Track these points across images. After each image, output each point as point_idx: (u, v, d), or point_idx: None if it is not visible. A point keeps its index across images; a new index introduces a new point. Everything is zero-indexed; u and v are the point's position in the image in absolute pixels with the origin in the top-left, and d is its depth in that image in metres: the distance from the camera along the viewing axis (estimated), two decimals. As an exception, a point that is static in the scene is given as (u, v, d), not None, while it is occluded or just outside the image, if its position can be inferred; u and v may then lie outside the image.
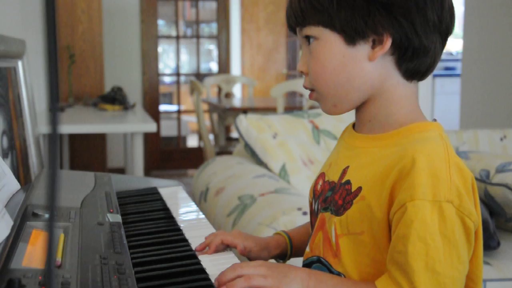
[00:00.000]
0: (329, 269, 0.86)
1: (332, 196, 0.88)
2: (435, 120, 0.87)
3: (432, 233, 0.74)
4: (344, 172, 0.88)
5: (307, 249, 0.93)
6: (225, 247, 0.99)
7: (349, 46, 0.83)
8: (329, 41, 0.83)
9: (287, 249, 1.02)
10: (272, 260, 1.04)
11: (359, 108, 0.89)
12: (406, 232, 0.75)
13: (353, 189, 0.84)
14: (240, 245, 0.98)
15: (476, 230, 0.79)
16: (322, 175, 0.95)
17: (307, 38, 0.86)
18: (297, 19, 0.86)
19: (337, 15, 0.81)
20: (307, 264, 0.91)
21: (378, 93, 0.85)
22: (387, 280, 0.77)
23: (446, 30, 0.84)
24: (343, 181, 0.86)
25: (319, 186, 0.94)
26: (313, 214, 0.97)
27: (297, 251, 1.03)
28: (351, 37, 0.82)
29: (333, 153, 0.97)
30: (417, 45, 0.81)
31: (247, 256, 0.99)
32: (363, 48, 0.82)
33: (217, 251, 0.97)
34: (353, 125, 0.93)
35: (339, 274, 0.84)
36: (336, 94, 0.85)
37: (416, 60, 0.83)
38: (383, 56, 0.82)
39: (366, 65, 0.83)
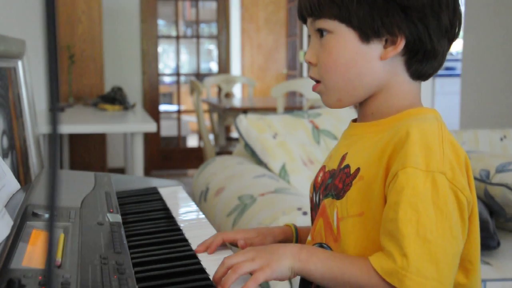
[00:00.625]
0: None
1: (333, 182, 0.88)
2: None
3: (424, 201, 0.74)
4: (343, 158, 0.89)
5: (309, 238, 0.94)
6: (226, 245, 0.99)
7: (363, 43, 0.83)
8: (343, 36, 0.84)
9: (292, 237, 1.02)
10: None
11: (362, 102, 0.89)
12: (397, 199, 0.75)
13: (351, 171, 0.84)
14: (240, 240, 0.97)
15: (472, 210, 0.79)
16: (323, 168, 0.96)
17: (319, 30, 0.86)
18: (313, 11, 0.86)
19: (356, 11, 0.82)
20: None
21: (383, 88, 0.86)
22: (379, 254, 0.76)
23: (454, 35, 0.86)
24: (342, 166, 0.87)
25: (319, 178, 0.95)
26: (314, 208, 0.97)
27: (301, 243, 1.03)
28: (366, 35, 0.83)
29: (334, 148, 0.98)
30: (429, 48, 0.83)
31: (254, 244, 0.98)
32: (376, 47, 0.83)
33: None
34: (354, 120, 0.94)
35: None
36: (344, 88, 0.86)
37: (426, 63, 0.85)
38: (393, 56, 0.84)
39: (377, 63, 0.84)
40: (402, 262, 0.73)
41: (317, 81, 0.89)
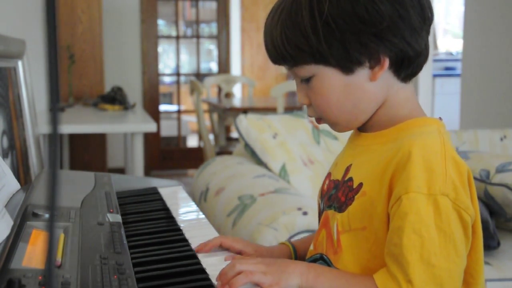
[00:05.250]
0: (330, 266, 0.87)
1: (336, 194, 0.88)
2: (440, 118, 0.87)
3: (427, 225, 0.74)
4: (347, 170, 0.89)
5: (311, 247, 0.94)
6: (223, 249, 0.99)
7: (348, 75, 0.83)
8: (327, 75, 0.83)
9: (291, 258, 1.02)
10: None
11: None
12: (401, 224, 0.75)
13: (354, 186, 0.84)
14: (236, 249, 0.97)
15: (474, 224, 0.79)
16: (329, 175, 0.96)
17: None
18: (286, 61, 0.85)
19: (329, 51, 0.81)
20: (310, 262, 0.92)
21: (383, 103, 0.86)
22: (385, 274, 0.77)
23: (429, 23, 0.84)
24: (346, 178, 0.87)
25: (325, 186, 0.95)
26: (320, 214, 0.97)
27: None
28: (348, 68, 0.82)
29: (340, 154, 0.98)
30: (411, 53, 0.82)
31: None
32: (362, 73, 0.83)
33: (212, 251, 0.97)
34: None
35: None
36: (345, 120, 0.87)
37: (413, 65, 0.84)
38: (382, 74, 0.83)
39: (369, 86, 0.84)
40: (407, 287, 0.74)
41: (319, 118, 0.89)
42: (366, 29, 0.79)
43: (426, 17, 0.83)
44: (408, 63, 0.83)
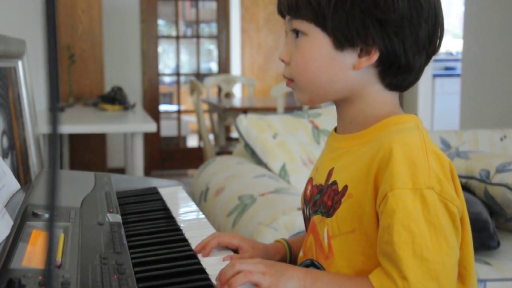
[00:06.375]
0: None
1: (321, 199, 0.88)
2: (416, 115, 0.87)
3: (416, 220, 0.74)
4: (329, 174, 0.88)
5: (301, 253, 0.94)
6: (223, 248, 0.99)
7: (336, 50, 0.83)
8: (318, 41, 0.83)
9: (286, 256, 1.03)
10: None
11: (340, 110, 0.90)
12: (389, 222, 0.75)
13: (339, 189, 0.84)
14: (234, 245, 0.97)
15: (461, 216, 0.79)
16: (310, 180, 0.96)
17: (295, 30, 0.86)
18: (290, 10, 0.86)
19: (332, 17, 0.81)
20: None
21: (358, 96, 0.86)
22: (380, 273, 0.77)
23: (433, 51, 0.85)
24: (330, 182, 0.87)
25: (308, 191, 0.95)
26: (306, 219, 0.97)
27: (296, 259, 1.03)
28: (340, 42, 0.82)
29: (319, 158, 0.98)
30: (403, 63, 0.82)
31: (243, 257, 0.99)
32: (350, 55, 0.83)
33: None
34: (335, 129, 0.94)
35: None
36: (314, 91, 0.87)
37: (400, 76, 0.84)
38: (367, 67, 0.83)
39: (350, 72, 0.84)
40: (403, 284, 0.74)
41: (290, 79, 0.89)
42: (375, 12, 0.79)
43: (433, 41, 0.84)
44: (396, 70, 0.83)
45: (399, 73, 0.83)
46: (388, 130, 0.82)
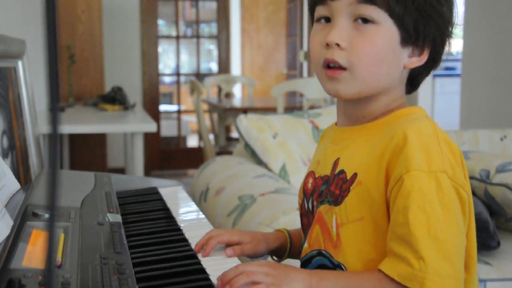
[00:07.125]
0: (330, 260, 0.87)
1: (328, 188, 0.88)
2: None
3: (431, 201, 0.75)
4: (335, 164, 0.88)
5: (305, 245, 0.93)
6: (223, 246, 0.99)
7: (400, 45, 0.84)
8: (388, 31, 0.82)
9: (286, 243, 1.02)
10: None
11: (360, 105, 0.88)
12: (405, 203, 0.75)
13: (348, 177, 0.84)
14: (234, 242, 0.97)
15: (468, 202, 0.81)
16: (311, 173, 0.96)
17: (362, 18, 0.82)
18: None
19: (410, 12, 0.82)
20: (306, 260, 0.92)
21: (386, 93, 0.87)
22: (391, 260, 0.76)
23: (438, 57, 0.90)
24: (336, 171, 0.87)
25: (309, 185, 0.95)
26: (305, 214, 0.97)
27: (295, 250, 1.03)
28: (406, 39, 0.83)
29: (319, 152, 0.98)
30: (436, 65, 0.88)
31: (245, 251, 0.98)
32: (406, 53, 0.85)
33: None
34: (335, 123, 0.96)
35: (339, 264, 0.85)
36: (370, 82, 0.84)
37: (425, 75, 0.90)
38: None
39: (400, 69, 0.86)
40: (419, 265, 0.74)
41: (340, 67, 0.83)
42: (444, 16, 0.84)
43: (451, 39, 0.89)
44: (428, 71, 0.89)
45: (426, 72, 0.88)
46: (399, 121, 0.84)
